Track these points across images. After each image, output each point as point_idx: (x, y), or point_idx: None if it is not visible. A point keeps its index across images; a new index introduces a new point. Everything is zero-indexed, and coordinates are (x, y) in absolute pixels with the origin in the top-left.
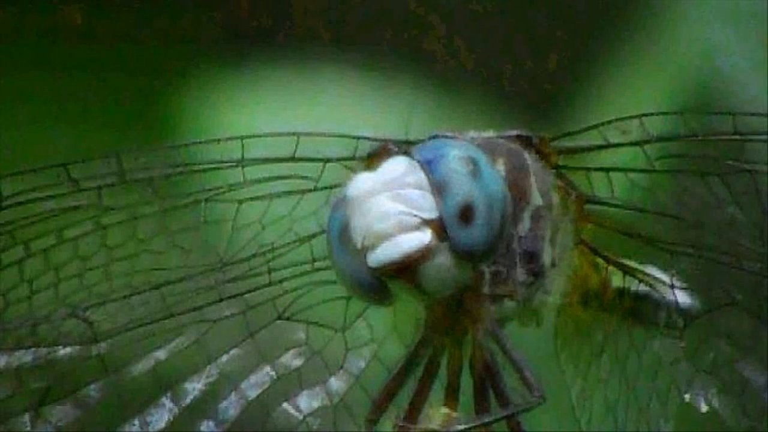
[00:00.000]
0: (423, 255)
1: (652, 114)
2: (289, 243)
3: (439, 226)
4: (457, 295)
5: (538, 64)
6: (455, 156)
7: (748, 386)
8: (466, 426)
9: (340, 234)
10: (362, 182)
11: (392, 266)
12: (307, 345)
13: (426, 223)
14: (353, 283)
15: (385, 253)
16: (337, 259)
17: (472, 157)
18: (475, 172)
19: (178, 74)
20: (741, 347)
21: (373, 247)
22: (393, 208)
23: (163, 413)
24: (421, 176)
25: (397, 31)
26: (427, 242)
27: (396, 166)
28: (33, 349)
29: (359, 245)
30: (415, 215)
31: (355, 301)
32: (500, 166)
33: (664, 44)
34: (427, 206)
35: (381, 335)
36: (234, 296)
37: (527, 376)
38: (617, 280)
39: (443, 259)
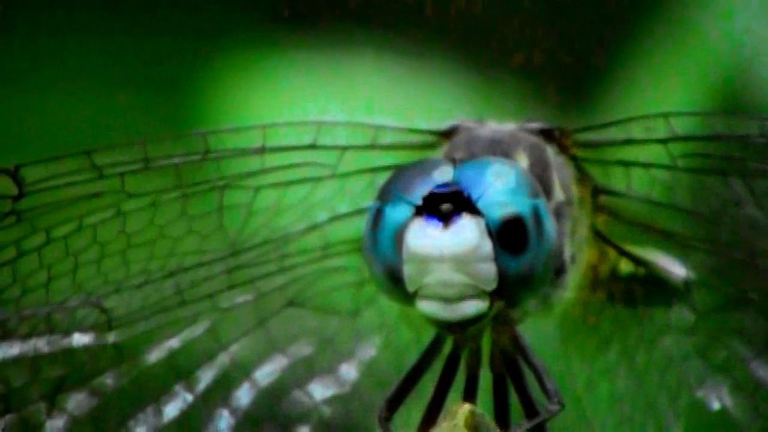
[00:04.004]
0: (475, 319)
1: (679, 114)
2: (302, 230)
3: (497, 291)
4: None
5: (573, 53)
6: (529, 217)
7: (761, 386)
8: None
9: (391, 258)
10: (433, 241)
11: (440, 322)
12: (317, 332)
13: (486, 292)
14: (381, 284)
15: (438, 311)
16: (375, 262)
17: (538, 211)
18: (540, 230)
19: (212, 58)
20: (754, 346)
21: (426, 297)
22: (458, 279)
23: (177, 401)
24: (489, 249)
25: (434, 18)
26: (483, 309)
27: (470, 235)
28: (48, 337)
29: (410, 289)
30: (478, 287)
31: (366, 288)
32: (523, 161)
33: (696, 37)
34: (491, 278)
35: (391, 321)
36: (245, 283)
37: (546, 383)
38: (628, 268)
39: (490, 311)
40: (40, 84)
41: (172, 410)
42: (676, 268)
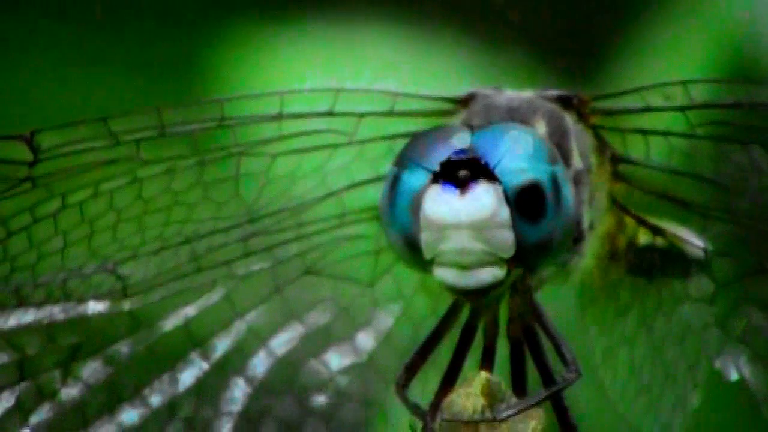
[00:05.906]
0: (492, 286)
1: (698, 81)
2: (319, 197)
3: (514, 258)
4: None
5: (587, 22)
6: (547, 183)
7: None
8: (508, 413)
9: (409, 225)
10: (451, 208)
11: (457, 290)
12: (334, 300)
13: (503, 259)
14: (398, 251)
15: (455, 278)
16: (392, 229)
17: (557, 178)
18: (558, 197)
19: (224, 32)
20: None
21: (443, 265)
22: (475, 246)
23: (192, 369)
24: (506, 216)
25: None
26: (500, 276)
27: (487, 202)
28: (64, 304)
29: (427, 256)
30: (495, 254)
31: (383, 256)
32: (541, 129)
33: (711, 5)
34: (509, 245)
35: (409, 289)
36: (261, 250)
37: (564, 352)
38: (646, 238)
39: (507, 278)
40: (57, 59)
41: (187, 378)
42: (694, 238)
